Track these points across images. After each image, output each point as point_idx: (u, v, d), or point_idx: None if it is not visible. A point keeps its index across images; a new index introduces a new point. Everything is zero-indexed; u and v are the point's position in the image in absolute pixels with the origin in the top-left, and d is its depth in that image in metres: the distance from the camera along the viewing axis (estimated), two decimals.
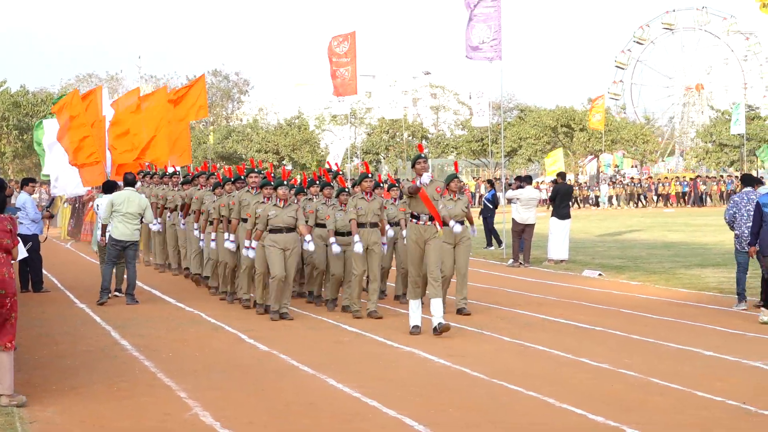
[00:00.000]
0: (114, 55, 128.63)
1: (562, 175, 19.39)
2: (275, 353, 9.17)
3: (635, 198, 52.12)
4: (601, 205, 51.83)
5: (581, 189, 52.99)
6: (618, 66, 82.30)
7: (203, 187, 14.38)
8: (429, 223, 10.03)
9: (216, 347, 9.61)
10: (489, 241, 21.80)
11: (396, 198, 12.36)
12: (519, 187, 18.48)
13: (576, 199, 48.56)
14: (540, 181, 51.76)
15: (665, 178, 57.24)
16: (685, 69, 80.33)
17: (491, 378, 7.92)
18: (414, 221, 10.13)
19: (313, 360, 8.72)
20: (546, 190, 41.42)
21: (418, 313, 10.19)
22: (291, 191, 12.17)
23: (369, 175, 11.45)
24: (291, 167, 53.83)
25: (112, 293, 13.03)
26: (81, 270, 17.35)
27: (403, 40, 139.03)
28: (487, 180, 25.63)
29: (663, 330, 10.38)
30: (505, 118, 63.62)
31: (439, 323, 9.93)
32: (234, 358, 9.02)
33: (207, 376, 8.15)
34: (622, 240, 24.75)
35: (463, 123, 65.23)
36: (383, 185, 12.35)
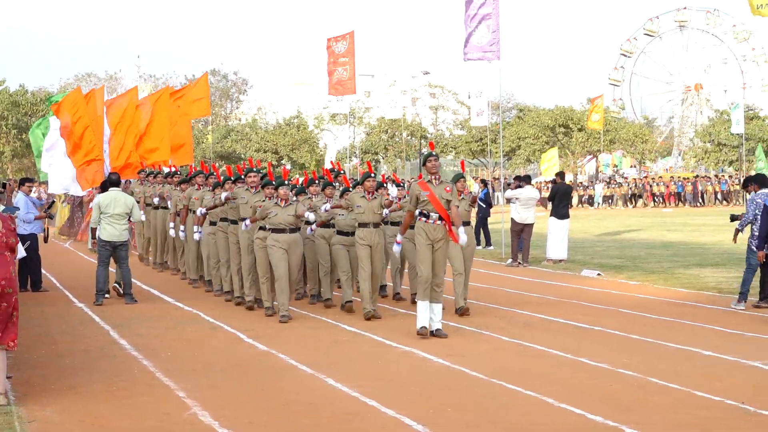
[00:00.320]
0: (113, 55, 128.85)
1: (561, 175, 19.41)
2: (274, 353, 9.17)
3: (628, 198, 52.10)
4: (596, 205, 51.87)
5: (576, 189, 53.01)
6: (623, 54, 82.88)
7: (201, 187, 14.36)
8: (438, 223, 9.87)
9: (215, 347, 9.61)
10: (488, 241, 21.78)
11: (401, 198, 12.37)
12: (518, 187, 18.48)
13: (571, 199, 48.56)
14: (536, 182, 51.76)
15: (659, 177, 57.25)
16: (685, 68, 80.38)
17: (490, 378, 7.92)
18: (423, 220, 9.91)
19: (312, 359, 8.73)
20: (542, 190, 41.41)
21: (427, 315, 9.94)
22: (292, 191, 12.17)
23: (372, 175, 11.41)
24: (290, 167, 53.84)
25: (112, 288, 13.06)
26: (80, 269, 17.33)
27: (403, 39, 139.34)
28: (481, 179, 25.63)
29: (662, 330, 10.38)
30: (504, 117, 63.68)
31: (437, 329, 9.92)
32: (233, 357, 9.02)
33: (206, 375, 8.15)
34: (620, 240, 24.76)
35: (462, 123, 65.25)
36: (386, 185, 12.30)
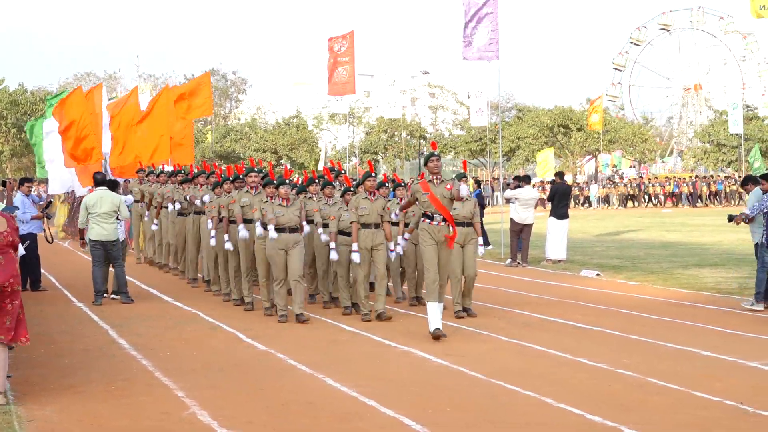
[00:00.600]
0: (113, 55, 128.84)
1: (560, 175, 19.41)
2: (273, 352, 9.16)
3: (624, 198, 52.09)
4: (593, 205, 51.87)
5: (573, 190, 53.03)
6: (616, 68, 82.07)
7: (203, 187, 14.36)
8: (443, 224, 9.82)
9: (214, 346, 9.61)
10: (485, 241, 21.77)
11: (402, 198, 12.24)
12: (517, 187, 18.48)
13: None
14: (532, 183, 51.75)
15: (655, 178, 57.26)
16: (684, 69, 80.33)
17: (489, 378, 7.92)
18: (427, 221, 9.86)
19: (312, 359, 8.72)
20: (538, 190, 41.37)
21: (439, 316, 9.74)
22: (293, 191, 12.13)
23: (372, 174, 11.23)
24: (290, 166, 53.83)
25: (108, 295, 12.98)
26: (79, 269, 17.32)
27: (402, 39, 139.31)
28: (474, 179, 25.60)
29: (661, 330, 10.38)
30: (504, 117, 63.67)
31: (436, 329, 9.89)
32: (232, 357, 9.01)
33: (205, 375, 8.15)
34: (620, 240, 24.76)
35: (462, 123, 65.25)
36: (388, 185, 12.18)
